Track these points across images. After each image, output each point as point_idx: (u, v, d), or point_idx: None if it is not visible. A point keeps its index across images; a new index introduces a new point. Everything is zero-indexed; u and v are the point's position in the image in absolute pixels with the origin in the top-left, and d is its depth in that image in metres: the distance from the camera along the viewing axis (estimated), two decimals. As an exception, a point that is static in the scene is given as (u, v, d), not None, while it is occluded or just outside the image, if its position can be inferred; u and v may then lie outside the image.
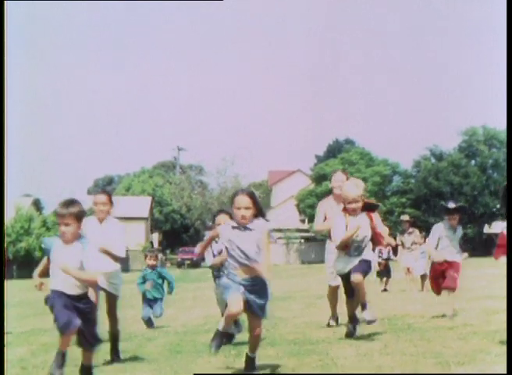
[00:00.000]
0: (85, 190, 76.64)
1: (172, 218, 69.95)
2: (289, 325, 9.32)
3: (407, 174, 55.93)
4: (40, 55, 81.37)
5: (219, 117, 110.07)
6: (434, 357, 5.84)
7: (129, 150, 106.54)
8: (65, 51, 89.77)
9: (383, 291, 16.06)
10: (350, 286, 7.26)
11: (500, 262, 6.75)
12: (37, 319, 11.93)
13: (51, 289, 5.58)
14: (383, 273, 16.26)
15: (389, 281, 16.56)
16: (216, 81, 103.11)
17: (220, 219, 7.33)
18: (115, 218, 7.32)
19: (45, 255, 5.72)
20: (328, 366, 5.84)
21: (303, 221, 58.49)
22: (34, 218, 49.48)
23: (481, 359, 5.65)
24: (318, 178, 54.53)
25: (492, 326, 7.69)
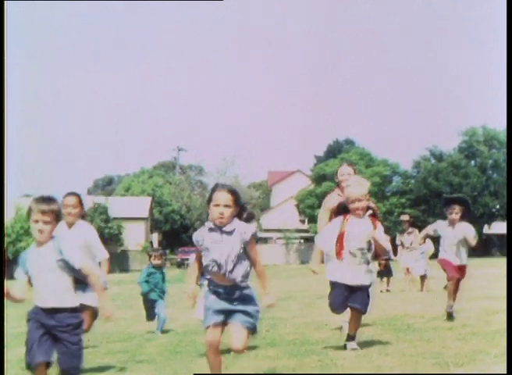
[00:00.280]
0: (85, 190, 76.52)
1: (172, 218, 69.87)
2: (289, 325, 9.32)
3: (406, 175, 55.92)
4: (40, 55, 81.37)
5: (219, 117, 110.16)
6: (433, 357, 5.84)
7: (128, 150, 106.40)
8: (65, 51, 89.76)
9: (386, 291, 16.01)
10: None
11: None
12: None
13: (35, 305, 4.95)
14: (383, 272, 16.25)
15: (390, 280, 16.52)
16: (216, 81, 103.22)
17: None
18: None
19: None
20: (327, 366, 5.84)
21: (302, 221, 58.50)
22: (34, 218, 49.32)
23: (480, 360, 5.65)
24: (318, 178, 54.53)
25: (491, 326, 7.68)
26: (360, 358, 6.09)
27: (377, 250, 6.65)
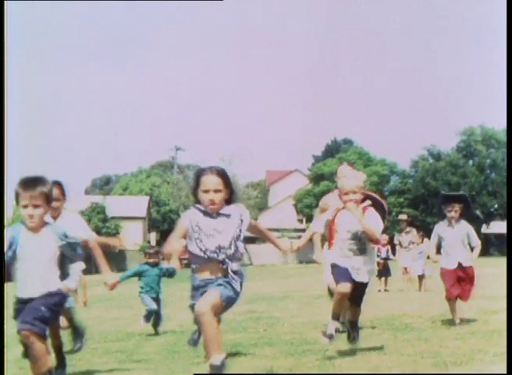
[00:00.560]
0: (83, 189, 76.47)
1: (170, 218, 69.75)
2: (287, 325, 9.31)
3: (404, 174, 55.99)
4: (40, 55, 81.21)
5: (217, 117, 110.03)
6: (432, 357, 5.83)
7: (126, 150, 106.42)
8: (65, 51, 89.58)
9: (385, 290, 16.01)
10: (353, 291, 6.26)
11: None
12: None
13: (19, 298, 4.73)
14: (382, 272, 16.27)
15: (388, 280, 16.53)
16: (215, 81, 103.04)
17: None
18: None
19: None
20: (325, 366, 5.82)
21: (300, 221, 58.49)
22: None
23: (479, 359, 5.64)
24: (316, 178, 54.58)
25: (490, 326, 7.68)
26: (357, 357, 6.08)
27: (367, 238, 6.21)
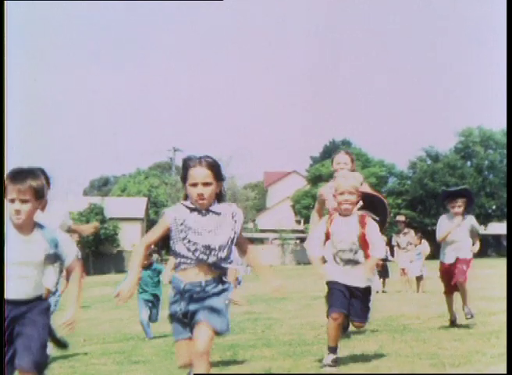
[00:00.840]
0: (81, 190, 76.41)
1: (168, 219, 69.94)
2: (285, 326, 9.32)
3: (402, 175, 56.01)
4: (40, 55, 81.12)
5: (215, 118, 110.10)
6: (429, 358, 5.84)
7: (125, 151, 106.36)
8: (65, 51, 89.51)
9: (382, 292, 16.01)
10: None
11: None
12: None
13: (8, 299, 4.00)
14: (381, 273, 16.28)
15: (386, 281, 16.53)
16: (214, 81, 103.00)
17: None
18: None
19: None
20: (323, 367, 5.82)
21: (298, 222, 58.50)
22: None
23: (476, 360, 5.64)
24: (314, 179, 54.55)
25: (488, 327, 7.68)
26: (356, 358, 6.08)
27: (364, 249, 5.77)
